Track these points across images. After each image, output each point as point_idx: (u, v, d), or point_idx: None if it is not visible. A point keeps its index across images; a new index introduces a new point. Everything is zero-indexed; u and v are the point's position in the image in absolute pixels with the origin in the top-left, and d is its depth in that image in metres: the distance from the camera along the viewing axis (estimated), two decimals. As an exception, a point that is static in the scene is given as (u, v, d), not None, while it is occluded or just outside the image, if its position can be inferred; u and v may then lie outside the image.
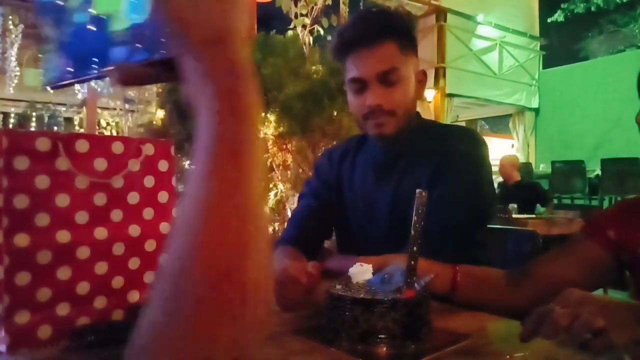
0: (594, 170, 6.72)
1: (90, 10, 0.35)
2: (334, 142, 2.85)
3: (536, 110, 8.65)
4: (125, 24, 0.33)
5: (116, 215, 0.71)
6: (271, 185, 2.93)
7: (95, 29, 0.35)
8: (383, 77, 1.07)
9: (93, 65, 0.36)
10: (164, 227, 0.76)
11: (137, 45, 0.32)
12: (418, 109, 1.19)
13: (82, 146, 0.69)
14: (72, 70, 0.38)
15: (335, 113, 2.80)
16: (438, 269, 0.87)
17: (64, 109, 7.97)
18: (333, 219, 1.24)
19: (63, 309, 0.66)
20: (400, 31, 1.09)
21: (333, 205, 1.22)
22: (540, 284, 0.87)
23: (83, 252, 0.68)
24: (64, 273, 0.66)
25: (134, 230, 0.73)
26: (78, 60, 0.37)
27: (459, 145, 1.10)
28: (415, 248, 0.67)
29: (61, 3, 0.37)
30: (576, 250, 0.91)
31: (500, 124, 10.47)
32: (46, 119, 7.84)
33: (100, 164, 0.70)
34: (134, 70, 0.33)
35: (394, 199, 1.11)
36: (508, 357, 0.59)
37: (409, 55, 1.11)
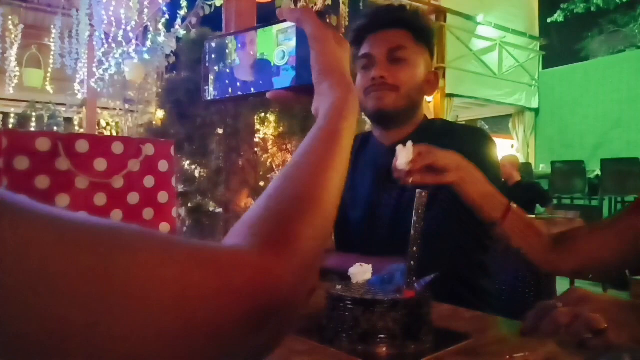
0: (594, 170, 6.72)
1: (252, 53, 0.54)
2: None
3: (536, 111, 8.66)
4: (275, 62, 0.52)
5: (116, 215, 0.71)
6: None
7: (252, 64, 0.54)
8: (391, 54, 1.10)
9: (248, 88, 0.54)
10: (163, 227, 0.76)
11: (283, 76, 0.52)
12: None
13: (82, 146, 0.69)
14: (231, 89, 0.55)
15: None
16: (495, 191, 0.90)
17: (64, 109, 7.96)
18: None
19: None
20: (414, 24, 1.14)
21: None
22: (580, 250, 0.87)
23: (83, 252, 0.68)
24: (64, 273, 0.66)
25: (134, 230, 0.73)
26: (236, 83, 0.55)
27: (468, 146, 1.07)
28: (415, 248, 0.67)
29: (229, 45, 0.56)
30: (621, 223, 0.89)
31: (500, 124, 10.47)
32: (46, 119, 7.84)
33: (101, 164, 0.70)
34: (281, 93, 0.52)
35: (400, 201, 1.09)
36: (508, 357, 0.59)
37: (422, 48, 1.14)
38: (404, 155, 0.83)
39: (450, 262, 1.00)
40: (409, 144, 0.83)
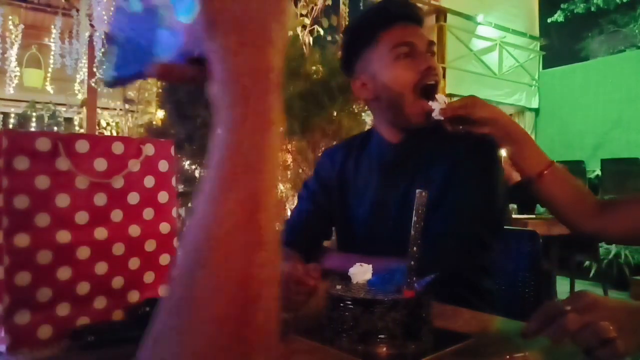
0: (594, 170, 6.72)
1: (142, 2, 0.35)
2: (334, 142, 2.84)
3: (536, 111, 8.65)
4: (173, 22, 0.33)
5: (116, 215, 0.71)
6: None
7: (145, 22, 0.35)
8: (430, 49, 1.10)
9: (141, 63, 0.36)
10: (164, 227, 0.76)
11: (179, 43, 0.32)
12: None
13: (82, 146, 0.69)
14: (124, 68, 0.38)
15: (335, 113, 2.80)
16: (535, 148, 0.94)
17: (64, 109, 7.97)
18: (331, 222, 1.23)
19: (63, 309, 0.66)
20: (422, 23, 1.16)
21: (332, 208, 1.21)
22: (629, 216, 0.87)
23: (83, 252, 0.68)
24: (64, 273, 0.66)
25: (134, 230, 0.73)
26: (129, 59, 0.37)
27: (475, 147, 1.07)
28: (415, 248, 0.67)
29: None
30: None
31: (500, 124, 10.44)
32: (46, 119, 7.84)
33: (101, 164, 0.70)
34: (174, 67, 0.33)
35: (406, 199, 1.08)
36: (508, 357, 0.59)
37: None
38: (437, 105, 0.96)
39: (454, 263, 1.00)
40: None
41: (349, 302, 0.64)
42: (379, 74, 1.09)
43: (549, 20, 10.93)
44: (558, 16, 11.44)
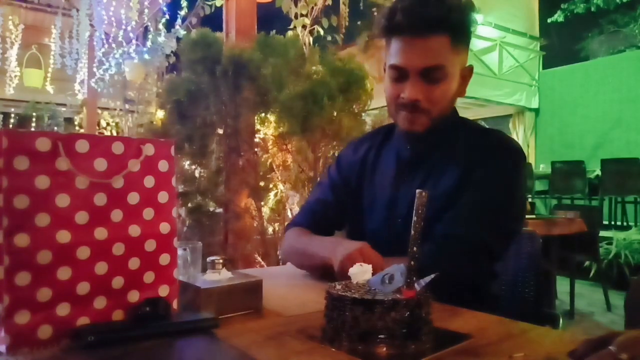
0: (594, 170, 6.72)
1: None
2: (334, 142, 2.84)
3: (536, 111, 8.66)
4: None
5: (116, 215, 0.71)
6: (271, 185, 2.93)
7: None
8: (427, 73, 1.01)
9: None
10: (164, 227, 0.76)
11: None
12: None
13: (82, 146, 0.69)
14: None
15: (335, 113, 2.79)
16: None
17: (64, 109, 7.97)
18: (346, 215, 1.22)
19: (63, 309, 0.66)
20: (455, 24, 1.02)
21: (349, 202, 1.20)
22: None
23: (83, 252, 0.68)
24: (64, 273, 0.66)
25: (134, 230, 0.73)
26: None
27: (495, 153, 1.04)
28: (415, 248, 0.67)
29: None
30: None
31: (500, 124, 10.45)
32: (46, 119, 7.85)
33: (101, 164, 0.70)
34: None
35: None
36: (508, 357, 0.59)
37: (460, 51, 1.06)
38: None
39: (456, 266, 0.99)
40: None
41: (349, 302, 0.64)
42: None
43: (549, 21, 10.93)
44: (558, 16, 11.44)
